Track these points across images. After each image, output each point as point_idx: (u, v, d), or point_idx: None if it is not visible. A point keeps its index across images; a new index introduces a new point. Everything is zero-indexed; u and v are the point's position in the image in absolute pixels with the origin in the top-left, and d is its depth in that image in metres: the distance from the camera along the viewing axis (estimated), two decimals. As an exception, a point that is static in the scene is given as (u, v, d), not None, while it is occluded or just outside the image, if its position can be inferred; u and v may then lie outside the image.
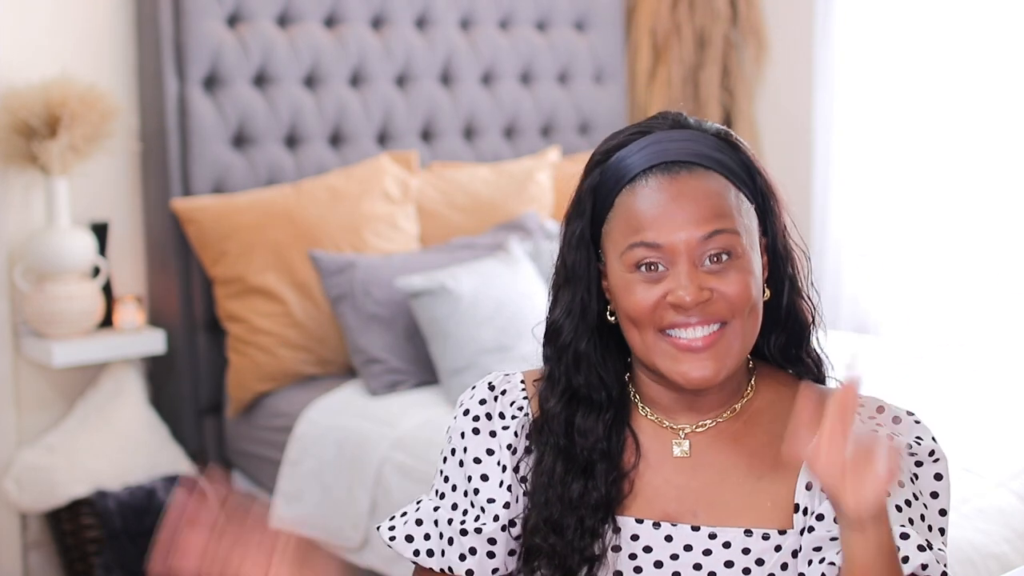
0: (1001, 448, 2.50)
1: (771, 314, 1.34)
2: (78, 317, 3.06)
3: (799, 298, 1.35)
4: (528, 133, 3.87)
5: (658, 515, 1.31)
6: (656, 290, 1.26)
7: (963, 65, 3.54)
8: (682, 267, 1.25)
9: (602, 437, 1.32)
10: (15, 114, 2.97)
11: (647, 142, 1.30)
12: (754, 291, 1.27)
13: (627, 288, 1.28)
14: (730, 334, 1.26)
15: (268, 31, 3.32)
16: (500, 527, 1.34)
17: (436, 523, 1.38)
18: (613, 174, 1.30)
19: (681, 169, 1.27)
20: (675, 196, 1.26)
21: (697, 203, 1.26)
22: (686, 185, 1.27)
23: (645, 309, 1.26)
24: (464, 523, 1.35)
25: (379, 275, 3.09)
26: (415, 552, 1.38)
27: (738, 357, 1.28)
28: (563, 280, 1.35)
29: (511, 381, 1.40)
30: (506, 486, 1.35)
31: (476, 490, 1.36)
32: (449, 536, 1.36)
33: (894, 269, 3.73)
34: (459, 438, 1.38)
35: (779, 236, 1.33)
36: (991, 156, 3.52)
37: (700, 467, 1.32)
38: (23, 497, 3.08)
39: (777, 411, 1.33)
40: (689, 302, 1.24)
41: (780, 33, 4.06)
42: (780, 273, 1.34)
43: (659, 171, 1.28)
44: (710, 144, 1.30)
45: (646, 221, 1.26)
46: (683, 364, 1.26)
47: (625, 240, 1.28)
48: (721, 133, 1.32)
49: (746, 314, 1.27)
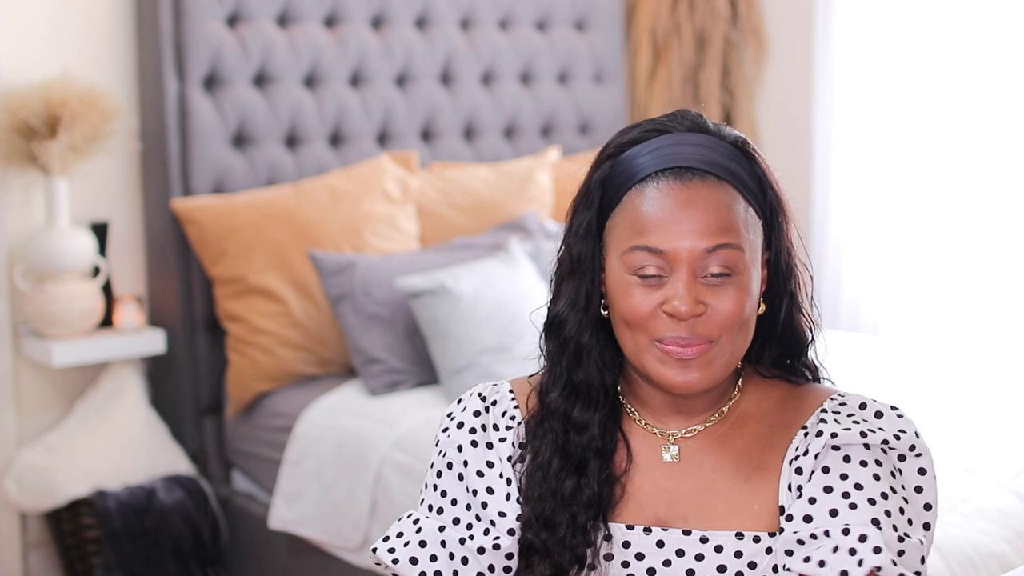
0: (1001, 448, 2.50)
1: (767, 328, 1.34)
2: (78, 317, 3.06)
3: (798, 314, 1.35)
4: (528, 133, 3.87)
5: (649, 520, 1.31)
6: (653, 297, 1.25)
7: (963, 65, 3.54)
8: (681, 276, 1.24)
9: (596, 435, 1.32)
10: (15, 114, 2.97)
11: (662, 142, 1.28)
12: (747, 310, 1.27)
13: (624, 289, 1.27)
14: (717, 349, 1.26)
15: (268, 31, 3.32)
16: (517, 540, 1.33)
17: (444, 544, 1.34)
18: (624, 170, 1.29)
19: (693, 176, 1.26)
20: (683, 204, 1.25)
21: (705, 214, 1.24)
22: (696, 194, 1.25)
23: (641, 315, 1.26)
24: (474, 539, 1.33)
25: (379, 275, 3.09)
26: (421, 575, 1.34)
27: (725, 369, 1.28)
28: (567, 271, 1.34)
29: (500, 391, 1.39)
30: (514, 498, 1.34)
31: (484, 504, 1.34)
32: (463, 556, 1.33)
33: (894, 269, 3.73)
34: (455, 452, 1.36)
35: (783, 252, 1.32)
36: (991, 156, 3.52)
37: (689, 471, 1.32)
38: (23, 497, 3.08)
39: (763, 413, 1.33)
40: (684, 313, 1.23)
41: (780, 33, 4.06)
42: (780, 288, 1.33)
43: (671, 175, 1.26)
44: (725, 153, 1.28)
45: (651, 225, 1.25)
46: (670, 370, 1.26)
47: (628, 241, 1.27)
48: (739, 142, 1.30)
49: (735, 332, 1.26)
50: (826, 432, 1.26)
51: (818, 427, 1.28)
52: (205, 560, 3.16)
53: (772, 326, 1.34)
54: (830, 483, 1.24)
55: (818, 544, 1.22)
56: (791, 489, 1.27)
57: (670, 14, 4.06)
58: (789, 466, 1.28)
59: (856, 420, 1.28)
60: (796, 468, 1.28)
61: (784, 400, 1.34)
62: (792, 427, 1.31)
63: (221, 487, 3.29)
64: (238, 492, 3.28)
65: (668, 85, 4.07)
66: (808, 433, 1.29)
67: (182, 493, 3.13)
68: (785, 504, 1.27)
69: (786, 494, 1.28)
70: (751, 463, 1.30)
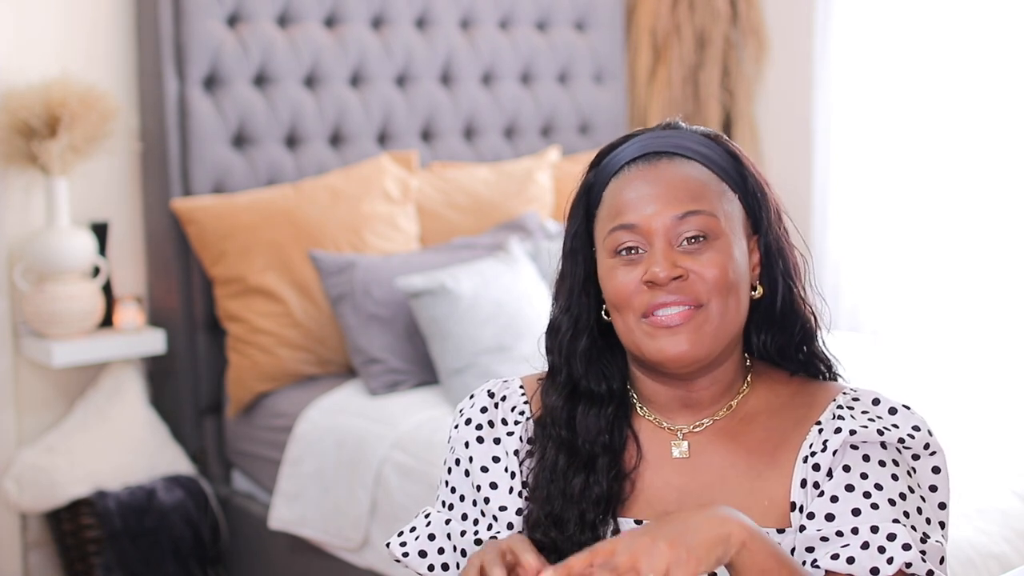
0: (1001, 448, 2.51)
1: (765, 312, 1.35)
2: (78, 317, 3.06)
3: (797, 299, 1.35)
4: (528, 133, 3.87)
5: (659, 516, 1.31)
6: (635, 272, 1.29)
7: (963, 65, 3.54)
8: (658, 246, 1.28)
9: (604, 431, 1.33)
10: (15, 114, 2.97)
11: (635, 139, 1.35)
12: (731, 274, 1.28)
13: (609, 273, 1.31)
14: (706, 314, 1.27)
15: (268, 31, 3.32)
16: (515, 534, 1.33)
17: (449, 536, 1.37)
18: (603, 171, 1.35)
19: (662, 158, 1.32)
20: (652, 181, 1.30)
21: (673, 186, 1.29)
22: (664, 171, 1.31)
23: (625, 292, 1.29)
24: (478, 534, 1.35)
25: (379, 275, 3.09)
26: (430, 567, 1.37)
27: (716, 337, 1.28)
28: (561, 278, 1.39)
29: (510, 387, 1.41)
30: (516, 492, 1.35)
31: (487, 499, 1.36)
32: (462, 549, 1.36)
33: (894, 269, 3.73)
34: (463, 448, 1.38)
35: (772, 235, 1.34)
36: (990, 157, 3.51)
37: (699, 468, 1.32)
38: (23, 497, 3.08)
39: (774, 408, 1.34)
40: (663, 277, 1.26)
41: (780, 33, 4.06)
42: (774, 271, 1.34)
43: (641, 161, 1.32)
44: (695, 140, 1.34)
45: (625, 205, 1.30)
46: (659, 340, 1.27)
47: (607, 226, 1.31)
48: (710, 134, 1.35)
49: (725, 295, 1.28)
50: (844, 429, 1.26)
51: (835, 423, 1.28)
52: (205, 560, 3.16)
53: (770, 309, 1.35)
54: (851, 482, 1.25)
55: (843, 541, 1.22)
56: (805, 486, 1.27)
57: (670, 14, 4.06)
58: (804, 463, 1.28)
59: (871, 417, 1.28)
60: (813, 464, 1.27)
61: (795, 395, 1.34)
62: (805, 423, 1.31)
63: (221, 487, 3.29)
64: (238, 492, 3.28)
65: (668, 85, 4.07)
66: (823, 429, 1.29)
67: (182, 493, 3.13)
68: (798, 500, 1.28)
69: (799, 491, 1.28)
70: (763, 459, 1.30)
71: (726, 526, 1.14)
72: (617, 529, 1.32)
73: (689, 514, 1.16)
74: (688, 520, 1.15)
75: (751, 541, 1.15)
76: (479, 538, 1.34)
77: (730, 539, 1.14)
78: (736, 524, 1.15)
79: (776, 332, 1.36)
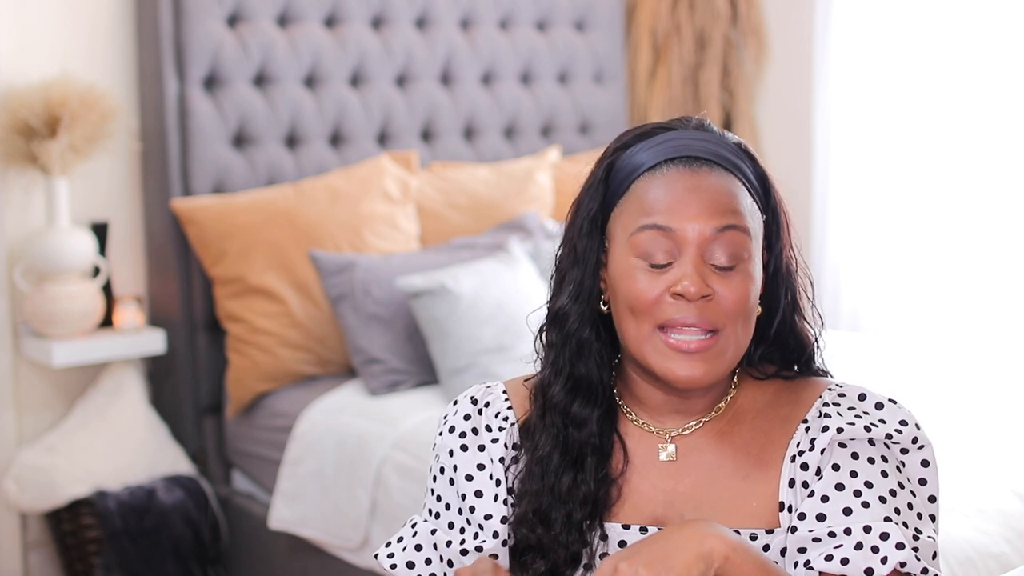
0: (1001, 448, 2.50)
1: (761, 328, 1.33)
2: (78, 317, 3.06)
3: (800, 319, 1.34)
4: (528, 133, 3.87)
5: (646, 520, 1.30)
6: (660, 281, 1.25)
7: (963, 65, 3.54)
8: (689, 257, 1.25)
9: (595, 432, 1.32)
10: (15, 114, 2.97)
11: (669, 137, 1.30)
12: (751, 299, 1.27)
13: (629, 274, 1.27)
14: (723, 341, 1.26)
15: (268, 31, 3.32)
16: (501, 542, 1.33)
17: (436, 547, 1.36)
18: (630, 162, 1.31)
19: (702, 165, 1.28)
20: (692, 187, 1.27)
21: (714, 197, 1.26)
22: (705, 179, 1.27)
23: (647, 299, 1.25)
24: (464, 543, 1.33)
25: (379, 275, 3.09)
26: None
27: (729, 363, 1.27)
28: (570, 264, 1.33)
29: (493, 392, 1.39)
30: (501, 499, 1.34)
31: (472, 507, 1.34)
32: (449, 559, 1.34)
33: (894, 269, 3.73)
34: (447, 456, 1.37)
35: (782, 255, 1.33)
36: (990, 157, 3.51)
37: (686, 470, 1.31)
38: (23, 497, 3.08)
39: (760, 407, 1.33)
40: (694, 293, 1.23)
41: (780, 33, 4.06)
42: (777, 291, 1.33)
43: (679, 163, 1.29)
44: (730, 150, 1.31)
45: (660, 205, 1.26)
46: (672, 362, 1.25)
47: (635, 222, 1.27)
48: (742, 144, 1.33)
49: (741, 321, 1.26)
50: (832, 427, 1.26)
51: (821, 421, 1.28)
52: (205, 560, 3.16)
53: (767, 329, 1.33)
54: (841, 480, 1.24)
55: (836, 542, 1.22)
56: (793, 485, 1.27)
57: (670, 14, 4.06)
58: (792, 462, 1.28)
59: (858, 413, 1.27)
60: (801, 464, 1.27)
61: (780, 393, 1.33)
62: (791, 421, 1.30)
63: (221, 487, 3.29)
64: (238, 492, 3.28)
65: (668, 85, 4.07)
66: (810, 427, 1.28)
67: (182, 493, 3.13)
68: (786, 501, 1.27)
69: (787, 490, 1.27)
70: (750, 460, 1.30)
71: (707, 542, 1.14)
72: (604, 535, 1.31)
73: (669, 533, 1.16)
74: (668, 540, 1.15)
75: (734, 554, 1.15)
76: (465, 548, 1.33)
77: (712, 555, 1.14)
78: (717, 539, 1.15)
79: (771, 349, 1.35)
